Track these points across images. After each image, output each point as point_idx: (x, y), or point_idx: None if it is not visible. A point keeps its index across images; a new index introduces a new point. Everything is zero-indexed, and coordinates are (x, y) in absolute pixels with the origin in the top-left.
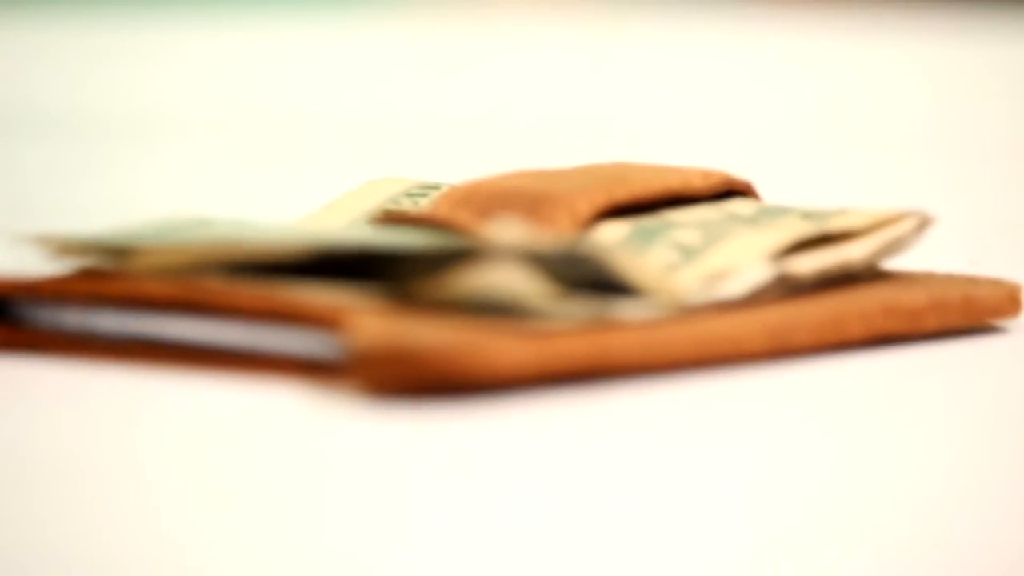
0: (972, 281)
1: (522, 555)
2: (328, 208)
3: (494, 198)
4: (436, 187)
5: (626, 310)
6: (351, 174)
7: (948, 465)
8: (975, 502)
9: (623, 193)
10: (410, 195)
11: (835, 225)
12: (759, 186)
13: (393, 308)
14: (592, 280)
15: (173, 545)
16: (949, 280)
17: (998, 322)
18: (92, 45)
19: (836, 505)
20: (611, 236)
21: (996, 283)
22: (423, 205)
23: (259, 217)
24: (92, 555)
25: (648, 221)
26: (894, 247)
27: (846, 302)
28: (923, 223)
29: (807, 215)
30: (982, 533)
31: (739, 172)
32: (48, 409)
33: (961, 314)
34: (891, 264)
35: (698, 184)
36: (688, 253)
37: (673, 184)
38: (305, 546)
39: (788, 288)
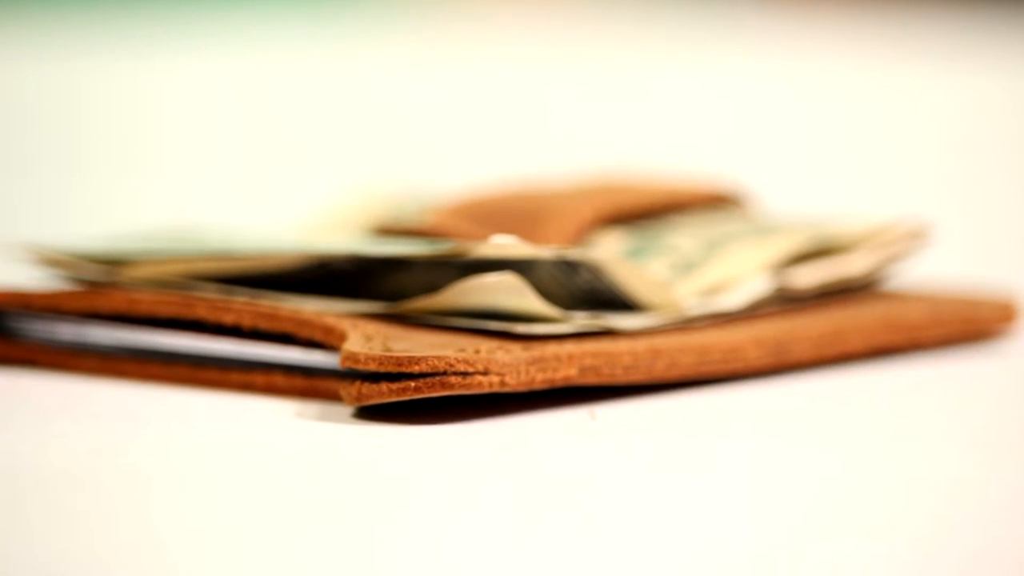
0: (971, 295)
1: (520, 566)
2: (322, 218)
3: (491, 212)
4: (427, 196)
5: (624, 322)
6: (344, 179)
7: (947, 478)
8: (974, 515)
9: (619, 205)
10: (409, 204)
11: (835, 239)
12: (760, 193)
13: (388, 320)
14: (590, 292)
15: (167, 556)
16: (948, 294)
17: (997, 336)
18: (87, 48)
19: (835, 518)
20: (608, 249)
21: (995, 297)
22: (419, 216)
23: (251, 225)
24: (86, 566)
25: (645, 233)
26: (894, 259)
27: (846, 316)
28: (922, 234)
29: (807, 227)
30: (982, 542)
31: (740, 179)
32: (42, 422)
33: (960, 328)
34: (892, 276)
35: (695, 195)
36: (687, 265)
37: (669, 196)
38: (298, 558)
39: (788, 301)
